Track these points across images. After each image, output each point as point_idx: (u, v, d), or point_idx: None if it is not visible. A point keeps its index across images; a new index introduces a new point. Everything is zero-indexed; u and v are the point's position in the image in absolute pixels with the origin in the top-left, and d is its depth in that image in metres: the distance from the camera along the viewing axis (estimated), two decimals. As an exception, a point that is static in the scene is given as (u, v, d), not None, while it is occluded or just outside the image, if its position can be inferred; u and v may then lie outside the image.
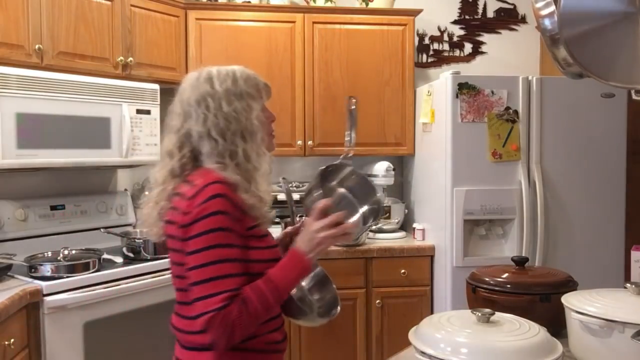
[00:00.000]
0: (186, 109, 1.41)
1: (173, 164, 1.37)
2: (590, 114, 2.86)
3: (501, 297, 1.56)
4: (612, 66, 1.40)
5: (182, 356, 1.48)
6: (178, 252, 1.38)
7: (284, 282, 1.30)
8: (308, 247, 1.33)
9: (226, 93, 1.36)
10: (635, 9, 1.39)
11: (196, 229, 1.27)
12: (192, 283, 1.29)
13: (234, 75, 1.40)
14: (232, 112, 1.34)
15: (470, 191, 2.78)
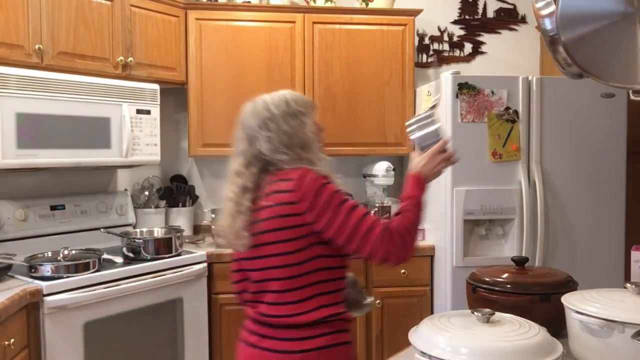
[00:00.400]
0: (250, 133, 1.65)
1: (243, 181, 1.63)
2: (590, 114, 2.86)
3: (501, 297, 1.56)
4: (611, 66, 1.41)
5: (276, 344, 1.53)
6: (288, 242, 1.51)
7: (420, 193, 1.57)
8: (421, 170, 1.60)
9: (282, 115, 1.59)
10: (634, 9, 1.39)
11: (321, 199, 1.50)
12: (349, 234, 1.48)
13: (285, 98, 1.62)
14: (290, 129, 1.58)
15: (470, 191, 2.78)
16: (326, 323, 1.52)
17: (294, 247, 1.50)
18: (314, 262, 1.51)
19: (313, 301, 1.50)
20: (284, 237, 1.51)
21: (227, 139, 3.20)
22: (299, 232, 1.50)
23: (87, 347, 2.29)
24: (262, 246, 1.54)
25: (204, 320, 2.81)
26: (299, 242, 1.50)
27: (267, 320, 1.54)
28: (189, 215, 3.34)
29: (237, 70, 3.16)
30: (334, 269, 1.55)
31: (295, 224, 1.50)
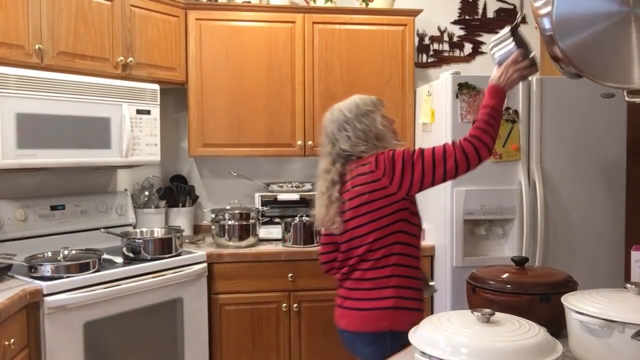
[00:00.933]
0: (331, 137, 1.97)
1: (331, 176, 1.92)
2: (590, 114, 2.86)
3: (501, 297, 1.56)
4: (607, 66, 1.41)
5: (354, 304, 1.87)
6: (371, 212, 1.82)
7: (499, 104, 1.83)
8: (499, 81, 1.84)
9: (355, 116, 1.92)
10: (629, 8, 1.39)
11: (397, 164, 1.80)
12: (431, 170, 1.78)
13: (355, 102, 1.96)
14: (364, 126, 1.90)
15: (470, 191, 2.78)
16: (395, 288, 1.81)
17: (377, 215, 1.81)
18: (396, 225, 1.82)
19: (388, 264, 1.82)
20: (367, 210, 1.82)
21: (227, 139, 3.24)
22: (382, 203, 1.81)
23: (87, 347, 2.29)
24: (350, 221, 1.86)
25: (204, 320, 2.81)
26: (382, 211, 1.81)
27: (348, 285, 1.88)
28: (189, 215, 3.34)
29: (237, 70, 3.16)
30: (411, 235, 1.86)
31: (379, 197, 1.81)
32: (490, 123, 1.80)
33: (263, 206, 3.20)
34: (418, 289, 1.88)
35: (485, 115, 1.81)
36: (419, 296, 1.88)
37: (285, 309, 2.91)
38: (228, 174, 3.44)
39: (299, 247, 2.98)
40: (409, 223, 1.85)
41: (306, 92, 3.22)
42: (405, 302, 1.83)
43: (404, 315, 1.81)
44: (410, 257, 1.86)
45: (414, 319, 1.71)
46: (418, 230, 1.90)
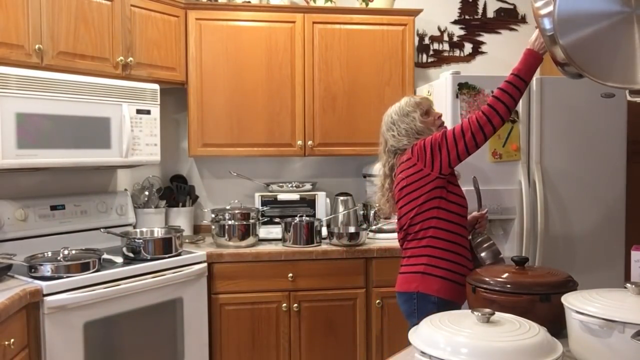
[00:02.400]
0: (385, 136, 2.25)
1: (385, 169, 2.27)
2: (590, 114, 2.86)
3: (501, 297, 1.56)
4: (609, 66, 1.41)
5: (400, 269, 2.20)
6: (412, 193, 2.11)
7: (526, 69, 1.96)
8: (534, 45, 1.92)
9: (399, 117, 2.21)
10: (631, 9, 1.39)
11: (427, 148, 2.06)
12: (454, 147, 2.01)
13: (399, 104, 2.25)
14: (406, 125, 2.18)
15: (471, 191, 2.77)
16: (428, 257, 2.07)
17: (415, 195, 2.09)
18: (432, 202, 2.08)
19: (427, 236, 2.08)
20: (407, 191, 2.10)
21: (227, 139, 3.24)
22: (419, 184, 2.07)
23: (87, 347, 2.29)
24: (398, 202, 2.17)
25: (204, 320, 2.81)
26: (419, 191, 2.08)
27: (402, 254, 2.19)
28: (189, 215, 3.34)
29: (237, 70, 3.16)
30: (449, 211, 2.08)
31: (416, 179, 2.08)
32: (507, 90, 1.93)
33: (263, 206, 3.20)
34: (452, 261, 2.06)
35: (505, 82, 1.95)
36: (451, 267, 2.06)
37: (285, 309, 2.92)
38: (228, 174, 3.44)
39: (299, 247, 2.98)
40: (446, 200, 2.08)
41: (306, 92, 3.22)
42: (434, 269, 2.06)
43: (431, 280, 2.06)
44: (446, 232, 2.07)
45: (443, 286, 2.04)
46: (458, 207, 2.10)
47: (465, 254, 2.13)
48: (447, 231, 2.08)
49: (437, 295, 2.05)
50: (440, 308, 2.00)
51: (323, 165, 3.60)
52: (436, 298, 2.05)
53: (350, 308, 2.97)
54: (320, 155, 3.33)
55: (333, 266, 2.96)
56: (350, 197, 3.39)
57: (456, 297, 2.06)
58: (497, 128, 1.97)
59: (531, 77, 1.95)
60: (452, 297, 2.05)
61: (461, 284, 2.01)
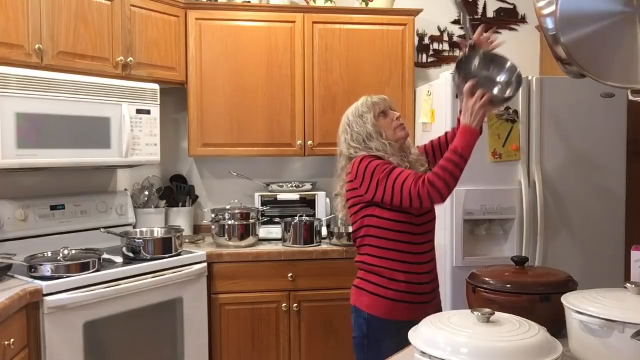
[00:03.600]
0: (339, 140, 2.13)
1: (341, 175, 2.12)
2: (590, 114, 2.86)
3: (501, 297, 1.56)
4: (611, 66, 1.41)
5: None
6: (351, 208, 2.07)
7: (463, 146, 1.86)
8: (470, 119, 1.86)
9: (353, 118, 2.10)
10: (633, 9, 1.39)
11: (367, 175, 1.94)
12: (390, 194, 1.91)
13: (356, 105, 2.14)
14: (359, 128, 2.06)
15: (470, 191, 2.78)
16: (362, 271, 2.04)
17: (353, 211, 2.04)
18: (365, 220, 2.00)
19: (364, 249, 2.03)
20: (350, 204, 2.05)
21: (227, 139, 3.23)
22: (356, 201, 2.01)
23: (87, 347, 2.29)
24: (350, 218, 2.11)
25: (204, 320, 2.81)
26: (356, 207, 2.02)
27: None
28: (189, 215, 3.34)
29: (237, 70, 3.16)
30: (382, 228, 1.97)
31: (354, 195, 2.01)
32: (446, 168, 1.85)
33: (263, 206, 3.20)
34: (384, 277, 1.97)
35: (445, 160, 1.87)
36: (383, 282, 1.97)
37: (285, 309, 2.91)
38: (228, 174, 3.44)
39: (299, 247, 2.98)
40: (377, 217, 1.97)
41: (306, 92, 3.22)
42: (366, 284, 2.02)
43: (363, 296, 2.02)
44: (378, 248, 1.99)
45: (374, 302, 1.98)
46: (391, 223, 1.96)
47: (402, 268, 1.97)
48: (379, 248, 1.99)
49: (367, 311, 1.99)
50: (370, 325, 1.99)
51: (323, 165, 3.60)
52: (367, 314, 2.00)
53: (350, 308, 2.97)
54: (320, 155, 3.33)
55: (333, 266, 2.96)
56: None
57: (390, 314, 1.96)
58: (436, 204, 1.89)
59: (470, 152, 1.88)
60: (384, 315, 1.97)
61: (395, 300, 1.96)
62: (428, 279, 2.02)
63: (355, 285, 2.07)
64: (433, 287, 2.06)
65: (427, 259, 2.03)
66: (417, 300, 1.98)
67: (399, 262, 1.97)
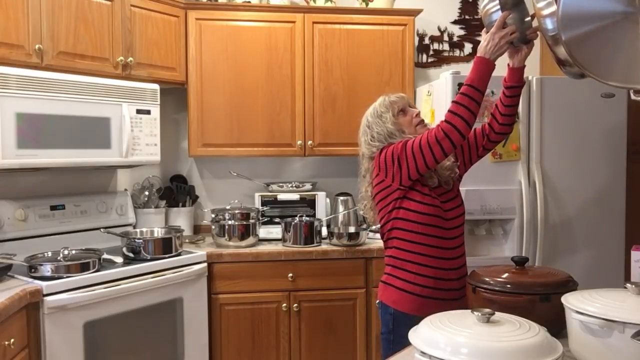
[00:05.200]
0: (360, 141, 2.13)
1: (365, 176, 2.12)
2: (590, 114, 2.86)
3: (501, 297, 1.56)
4: (612, 66, 1.40)
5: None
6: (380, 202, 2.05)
7: (479, 77, 1.82)
8: (490, 51, 1.82)
9: (372, 119, 2.09)
10: (635, 9, 1.39)
11: (389, 162, 1.97)
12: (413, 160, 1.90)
13: (374, 105, 2.12)
14: (378, 128, 2.05)
15: (470, 191, 2.78)
16: (390, 267, 2.02)
17: (381, 205, 2.02)
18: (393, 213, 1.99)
19: (391, 243, 2.02)
20: (378, 200, 2.04)
21: (227, 139, 3.24)
22: (383, 194, 2.00)
23: (87, 347, 2.29)
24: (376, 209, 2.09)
25: (204, 320, 2.81)
26: (384, 202, 2.01)
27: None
28: (189, 215, 3.34)
29: (237, 70, 3.16)
30: (411, 221, 1.96)
31: (381, 189, 2.00)
32: (462, 103, 1.81)
33: (263, 206, 3.20)
34: (411, 272, 1.96)
35: (459, 94, 1.83)
36: (410, 278, 1.96)
37: (285, 309, 2.91)
38: (228, 174, 3.44)
39: (299, 247, 2.98)
40: (406, 210, 1.96)
41: (306, 92, 3.22)
42: (393, 279, 2.00)
43: (390, 291, 2.00)
44: (406, 242, 1.97)
45: (400, 297, 1.96)
46: (420, 216, 1.94)
47: (430, 263, 1.95)
48: (407, 241, 1.97)
49: (393, 307, 1.98)
50: (397, 321, 1.96)
51: (323, 165, 3.60)
52: (393, 310, 1.98)
53: (350, 308, 2.97)
54: (320, 155, 3.33)
55: (333, 266, 2.96)
56: (350, 197, 3.39)
57: (416, 310, 1.92)
58: (457, 144, 1.83)
59: (486, 85, 1.83)
60: (410, 310, 1.94)
61: (422, 296, 1.94)
62: (457, 275, 1.98)
63: (382, 281, 2.05)
64: (462, 283, 1.97)
65: (457, 254, 2.00)
66: (444, 297, 1.95)
67: (427, 256, 1.95)
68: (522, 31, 1.85)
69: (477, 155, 2.13)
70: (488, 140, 2.08)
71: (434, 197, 1.96)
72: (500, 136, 2.06)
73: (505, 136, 2.08)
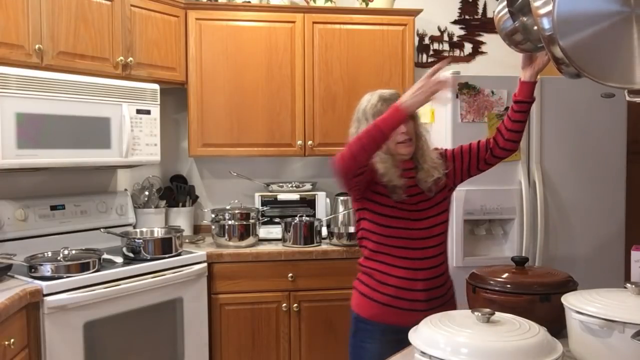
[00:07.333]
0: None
1: None
2: (590, 114, 2.86)
3: (501, 297, 1.56)
4: (608, 67, 1.40)
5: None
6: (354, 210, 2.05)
7: (385, 123, 1.72)
8: (405, 98, 1.74)
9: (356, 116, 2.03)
10: (630, 9, 1.39)
11: None
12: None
13: (364, 104, 2.00)
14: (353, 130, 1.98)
15: (470, 191, 2.77)
16: (359, 272, 2.01)
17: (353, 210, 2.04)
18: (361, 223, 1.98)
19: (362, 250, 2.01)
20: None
21: (227, 139, 3.24)
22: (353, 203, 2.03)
23: (87, 347, 2.29)
24: None
25: (204, 320, 2.81)
26: (353, 207, 2.03)
27: None
28: (189, 215, 3.34)
29: (237, 70, 3.16)
30: (374, 233, 1.93)
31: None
32: (361, 138, 1.72)
33: (263, 206, 3.20)
34: (373, 278, 1.92)
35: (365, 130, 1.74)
36: (370, 283, 1.93)
37: (285, 309, 2.91)
38: (228, 174, 3.44)
39: (299, 247, 2.98)
40: (369, 221, 1.93)
41: (306, 92, 3.22)
42: (359, 284, 2.00)
43: (355, 295, 2.01)
44: (373, 251, 1.93)
45: (360, 302, 1.95)
46: (383, 228, 1.89)
47: (394, 273, 1.89)
48: (372, 250, 1.94)
49: (356, 311, 1.97)
50: (357, 326, 1.96)
51: (323, 165, 3.60)
52: (355, 314, 1.98)
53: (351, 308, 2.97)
54: (320, 155, 3.33)
55: (333, 266, 2.96)
56: (350, 197, 3.38)
57: (377, 317, 1.90)
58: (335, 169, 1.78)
59: (389, 127, 1.71)
60: (371, 317, 1.92)
61: (383, 304, 1.89)
62: (424, 286, 1.89)
63: (353, 286, 2.06)
64: (430, 295, 1.90)
65: (426, 265, 1.90)
66: (407, 307, 1.88)
67: (391, 265, 1.90)
68: (533, 40, 1.82)
69: (477, 168, 2.05)
70: (491, 155, 2.02)
71: (398, 209, 1.89)
72: (504, 152, 2.00)
73: (510, 153, 1.99)
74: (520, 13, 1.79)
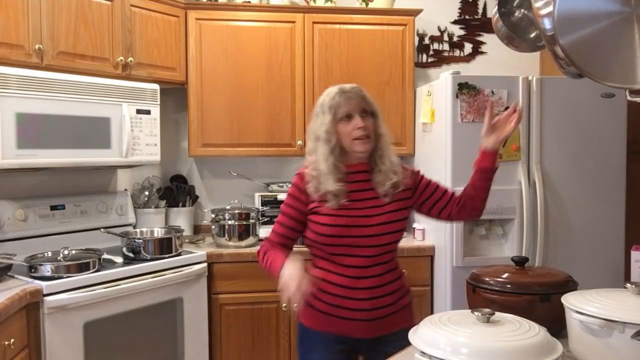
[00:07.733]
0: None
1: None
2: (590, 114, 2.86)
3: (501, 297, 1.56)
4: (609, 67, 1.41)
5: None
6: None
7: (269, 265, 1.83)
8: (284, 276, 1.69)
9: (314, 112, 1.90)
10: (630, 9, 1.39)
11: None
12: None
13: (322, 97, 1.87)
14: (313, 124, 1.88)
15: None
16: None
17: None
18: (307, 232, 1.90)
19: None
20: None
21: (227, 139, 3.24)
22: None
23: (87, 347, 2.29)
24: None
25: (204, 320, 2.81)
26: None
27: None
28: (189, 215, 3.34)
29: (237, 70, 3.16)
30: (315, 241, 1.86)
31: None
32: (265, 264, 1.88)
33: (263, 206, 3.20)
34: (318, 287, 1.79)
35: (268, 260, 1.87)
36: (316, 293, 1.79)
37: (286, 309, 2.91)
38: (228, 174, 3.44)
39: (299, 247, 2.97)
40: (310, 230, 1.85)
41: (306, 92, 3.22)
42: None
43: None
44: (316, 257, 1.89)
45: (305, 311, 1.86)
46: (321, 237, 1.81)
47: (335, 280, 1.81)
48: (315, 256, 1.89)
49: (299, 319, 1.90)
50: (301, 334, 1.91)
51: (323, 165, 3.60)
52: (299, 322, 1.91)
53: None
54: (320, 155, 3.32)
55: (333, 266, 2.95)
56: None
57: (318, 325, 1.84)
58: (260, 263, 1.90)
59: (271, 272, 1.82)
60: (312, 325, 1.85)
61: (323, 312, 1.82)
62: (368, 295, 1.78)
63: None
64: (374, 304, 1.80)
65: (370, 273, 1.79)
66: (349, 316, 1.79)
67: (332, 273, 1.81)
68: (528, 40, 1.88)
69: (437, 213, 1.93)
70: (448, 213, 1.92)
71: (338, 216, 1.78)
72: (456, 219, 1.94)
73: (462, 221, 1.93)
74: (510, 14, 1.82)
